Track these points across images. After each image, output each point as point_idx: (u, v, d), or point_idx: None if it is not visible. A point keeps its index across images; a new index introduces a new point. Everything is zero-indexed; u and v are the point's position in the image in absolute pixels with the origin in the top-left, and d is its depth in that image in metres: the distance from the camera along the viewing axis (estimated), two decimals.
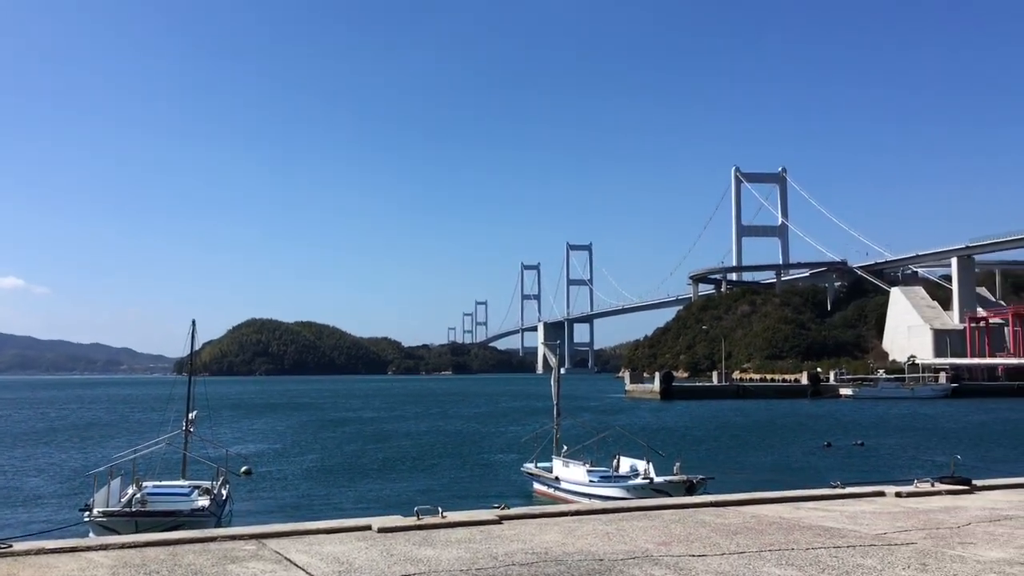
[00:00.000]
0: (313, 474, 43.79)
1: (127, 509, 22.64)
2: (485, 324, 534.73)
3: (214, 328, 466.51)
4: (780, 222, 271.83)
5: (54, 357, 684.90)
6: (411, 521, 11.60)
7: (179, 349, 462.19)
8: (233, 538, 10.88)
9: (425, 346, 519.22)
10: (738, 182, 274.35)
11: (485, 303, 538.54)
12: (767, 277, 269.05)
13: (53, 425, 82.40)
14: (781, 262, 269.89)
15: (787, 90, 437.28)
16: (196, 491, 25.37)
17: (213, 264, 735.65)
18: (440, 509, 12.10)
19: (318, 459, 50.82)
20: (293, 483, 40.34)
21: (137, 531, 17.38)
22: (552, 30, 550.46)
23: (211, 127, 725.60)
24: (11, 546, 9.35)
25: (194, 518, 21.79)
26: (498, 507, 12.74)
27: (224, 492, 25.41)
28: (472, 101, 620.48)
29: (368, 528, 11.43)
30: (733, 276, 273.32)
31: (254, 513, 28.07)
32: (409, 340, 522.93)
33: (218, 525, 20.72)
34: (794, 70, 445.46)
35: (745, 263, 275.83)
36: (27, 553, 9.40)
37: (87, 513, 22.20)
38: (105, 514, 21.98)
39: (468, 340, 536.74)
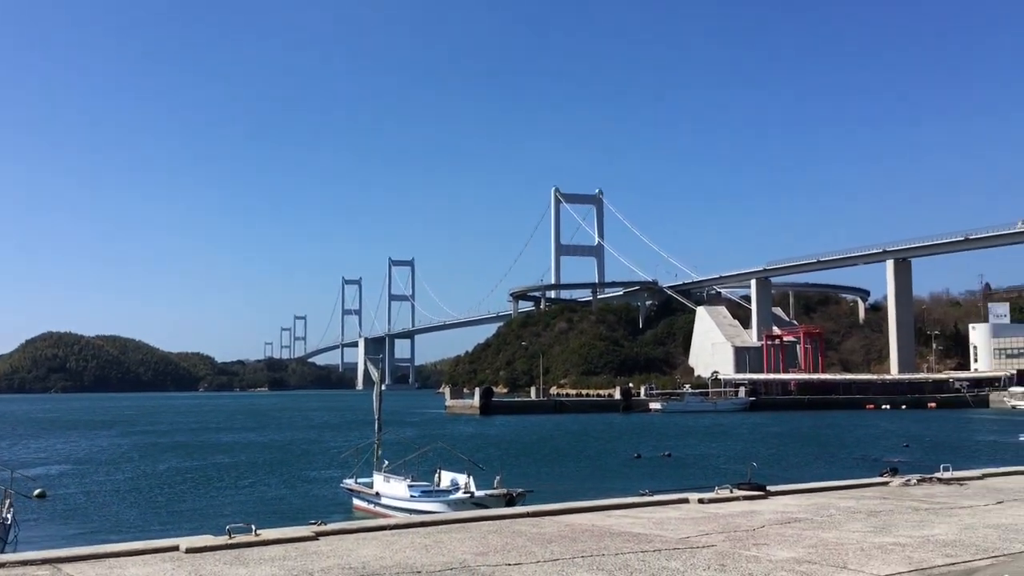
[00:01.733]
0: (118, 495, 41.27)
1: None
2: (304, 339, 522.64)
3: (4, 342, 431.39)
4: (597, 242, 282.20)
5: None
6: (222, 540, 11.18)
7: None
8: (24, 563, 10.12)
9: (240, 362, 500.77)
10: (557, 202, 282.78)
11: (304, 318, 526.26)
12: (584, 295, 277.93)
13: None
14: (597, 281, 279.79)
15: (605, 114, 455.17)
16: None
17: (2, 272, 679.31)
18: (254, 527, 11.72)
19: (122, 479, 47.94)
20: (95, 505, 37.88)
21: None
22: (370, 44, 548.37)
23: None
24: None
25: None
26: (315, 523, 12.49)
27: (9, 516, 23.39)
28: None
29: (176, 549, 10.94)
30: (552, 294, 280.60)
31: (50, 538, 26.12)
32: (223, 355, 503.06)
33: (2, 552, 19.09)
34: (612, 95, 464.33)
35: (563, 281, 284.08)
36: None
37: None
38: None
39: (286, 355, 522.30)
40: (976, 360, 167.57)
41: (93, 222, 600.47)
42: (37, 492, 37.36)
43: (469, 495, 29.20)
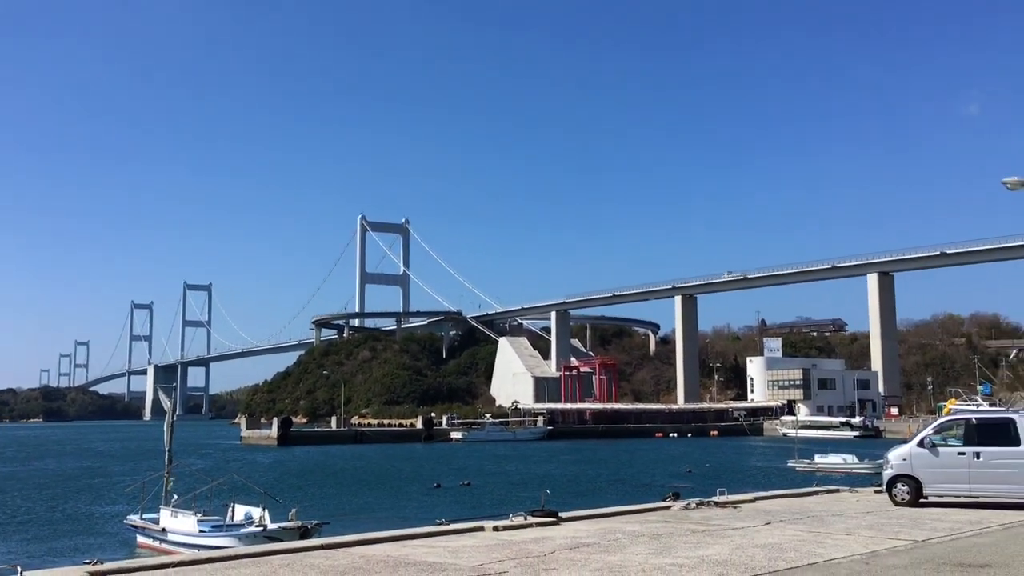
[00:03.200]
0: None
1: None
2: (86, 366, 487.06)
3: None
4: (402, 271, 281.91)
5: None
6: None
7: None
8: None
9: (11, 390, 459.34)
10: (364, 230, 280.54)
11: (87, 343, 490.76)
12: (388, 324, 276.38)
13: None
14: (402, 310, 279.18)
15: (413, 144, 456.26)
16: None
17: None
18: (20, 568, 10.88)
19: None
20: None
21: None
22: (164, 56, 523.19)
23: None
24: None
25: None
26: (90, 563, 11.75)
27: None
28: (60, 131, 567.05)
29: None
30: (356, 322, 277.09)
31: None
32: None
33: None
34: (418, 119, 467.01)
35: (368, 310, 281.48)
36: None
37: None
38: None
39: (65, 384, 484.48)
40: (752, 391, 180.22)
41: None
42: None
43: (261, 529, 28.32)
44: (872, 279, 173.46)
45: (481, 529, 16.42)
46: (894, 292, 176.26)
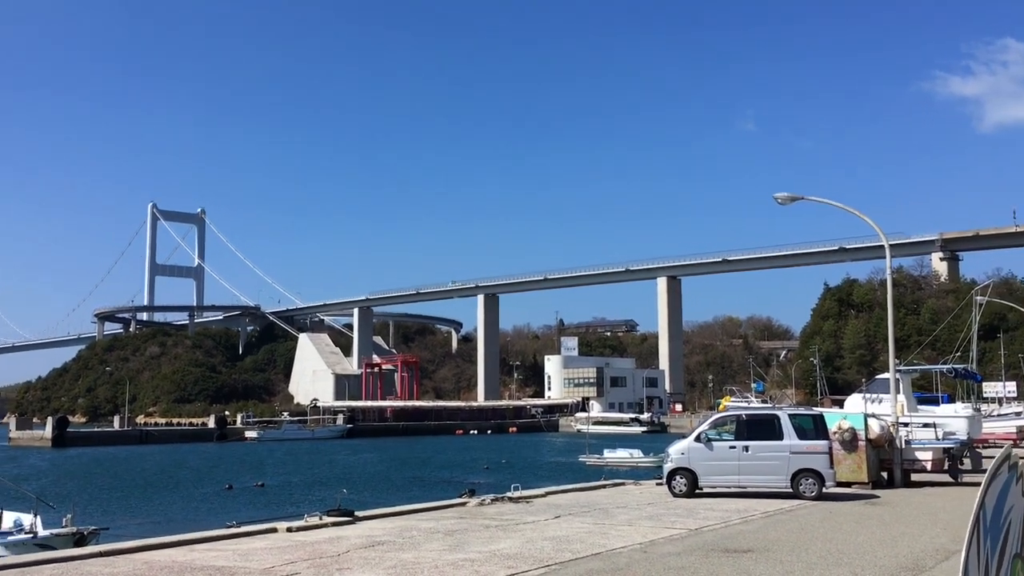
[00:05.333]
0: None
1: None
2: None
3: None
4: (196, 263, 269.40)
5: None
6: None
7: None
8: None
9: None
10: (155, 219, 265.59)
11: None
12: (180, 318, 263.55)
13: None
14: (195, 304, 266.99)
15: (206, 127, 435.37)
16: None
17: None
18: None
19: None
20: None
21: None
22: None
23: None
24: None
25: None
26: None
27: None
28: None
29: None
30: (144, 316, 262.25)
31: None
32: None
33: None
34: (216, 104, 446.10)
35: (159, 303, 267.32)
36: None
37: None
38: None
39: None
40: (550, 388, 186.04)
41: None
42: None
43: (32, 536, 26.42)
44: (662, 282, 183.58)
45: (274, 531, 16.15)
46: (681, 295, 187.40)
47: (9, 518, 28.79)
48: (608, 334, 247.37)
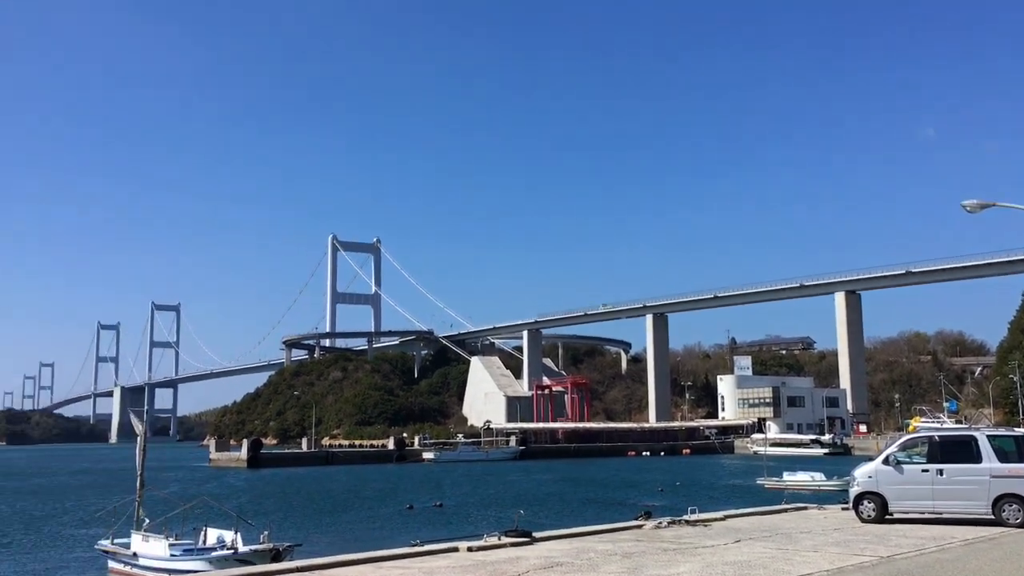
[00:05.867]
0: None
1: None
2: (51, 388, 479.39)
3: None
4: (373, 291, 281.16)
5: None
6: None
7: None
8: None
9: None
10: (335, 249, 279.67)
11: (52, 365, 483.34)
12: (359, 344, 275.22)
13: None
14: (373, 329, 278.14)
15: (382, 161, 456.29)
16: None
17: None
18: None
19: None
20: None
21: None
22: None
23: None
24: None
25: None
26: None
27: None
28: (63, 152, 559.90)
29: None
30: (327, 342, 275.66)
31: None
32: None
33: None
34: (391, 143, 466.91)
35: (340, 330, 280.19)
36: None
37: None
38: None
39: (29, 406, 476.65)
40: (723, 409, 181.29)
41: None
42: None
43: (233, 552, 28.22)
44: (839, 297, 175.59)
45: (455, 550, 16.59)
46: (861, 310, 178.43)
47: (213, 534, 30.91)
48: (783, 352, 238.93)
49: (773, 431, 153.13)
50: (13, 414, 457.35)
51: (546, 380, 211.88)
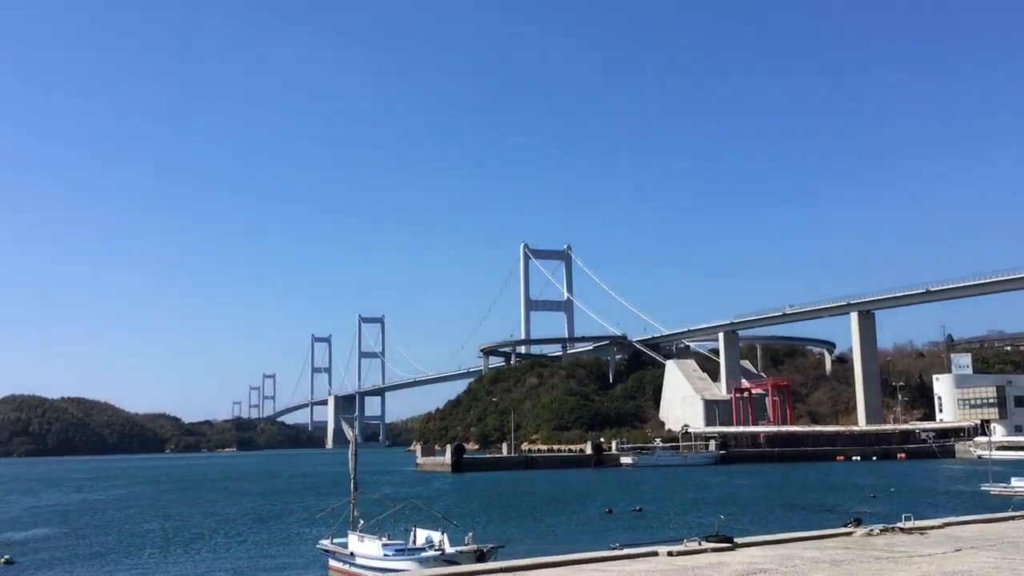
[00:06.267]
0: (86, 557, 40.80)
1: None
2: (273, 398, 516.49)
3: None
4: (566, 297, 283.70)
5: None
6: None
7: None
8: None
9: (207, 422, 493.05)
10: (527, 258, 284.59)
11: (273, 376, 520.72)
12: (554, 350, 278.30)
13: None
14: (567, 335, 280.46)
15: (575, 169, 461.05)
16: None
17: None
18: None
19: (90, 542, 47.31)
20: (63, 569, 37.40)
21: None
22: (335, 107, 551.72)
23: None
24: None
25: None
26: None
27: None
28: (259, 175, 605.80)
29: None
30: (522, 349, 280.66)
31: None
32: (190, 415, 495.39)
33: None
34: (579, 151, 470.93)
35: (533, 336, 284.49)
36: None
37: None
38: None
39: (255, 415, 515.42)
40: (941, 411, 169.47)
41: (55, 281, 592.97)
42: (4, 559, 36.87)
43: (440, 552, 29.37)
44: None
45: (655, 554, 16.53)
46: None
47: (422, 535, 32.36)
48: (1008, 348, 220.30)
49: (999, 433, 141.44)
50: (242, 422, 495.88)
51: (745, 383, 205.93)
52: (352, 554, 32.15)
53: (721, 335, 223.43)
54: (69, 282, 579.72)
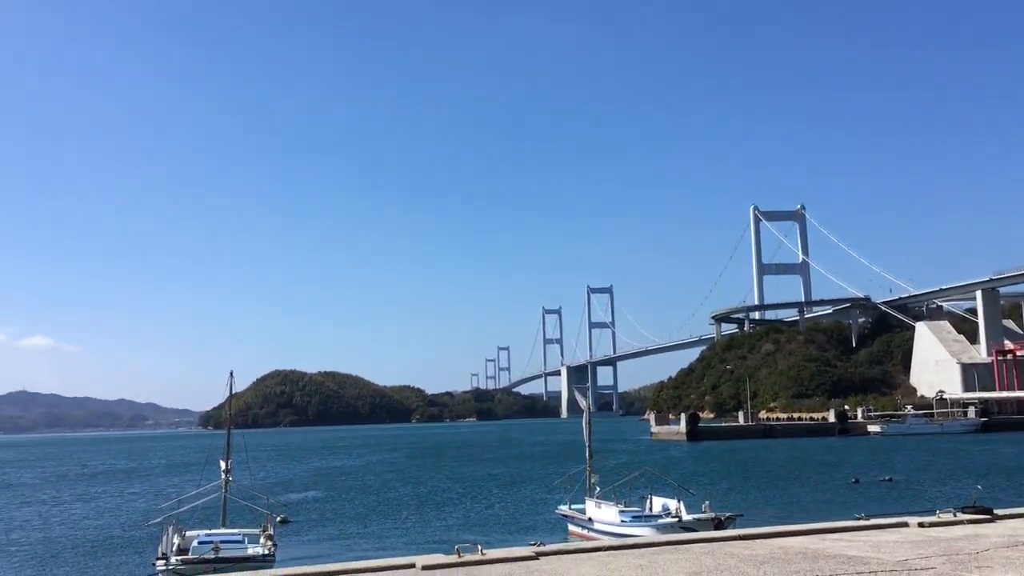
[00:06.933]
0: (351, 518, 44.63)
1: (206, 556, 23.59)
2: (508, 369, 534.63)
3: (238, 380, 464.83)
4: (800, 259, 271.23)
5: (81, 414, 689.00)
6: (452, 559, 12.18)
7: (203, 403, 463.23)
8: None
9: (448, 393, 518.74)
10: (757, 220, 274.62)
11: (508, 348, 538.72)
12: (790, 315, 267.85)
13: (91, 472, 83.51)
14: (803, 299, 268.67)
15: (803, 126, 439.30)
16: (247, 539, 26.41)
17: (236, 315, 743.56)
18: (479, 546, 12.71)
19: (354, 504, 51.59)
20: (332, 528, 41.10)
21: None
22: (559, 77, 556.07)
23: (223, 171, 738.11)
24: None
25: (263, 563, 22.79)
26: (534, 544, 13.34)
27: (274, 538, 26.56)
28: (483, 149, 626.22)
29: (412, 566, 12.02)
30: (755, 315, 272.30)
31: (298, 558, 28.84)
32: (432, 387, 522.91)
33: (272, 568, 21.53)
34: (809, 107, 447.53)
35: (767, 301, 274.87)
36: None
37: (162, 562, 23.44)
38: (184, 562, 23.19)
39: (491, 386, 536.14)
40: None
41: (308, 266, 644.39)
42: (280, 518, 40.89)
43: (677, 519, 29.44)
44: None
45: (905, 525, 15.78)
46: None
47: (658, 502, 32.56)
48: None
49: None
50: (480, 393, 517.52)
51: (1008, 344, 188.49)
52: (590, 520, 32.92)
53: (979, 293, 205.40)
54: (328, 267, 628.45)
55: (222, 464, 29.86)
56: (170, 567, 23.48)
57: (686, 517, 29.44)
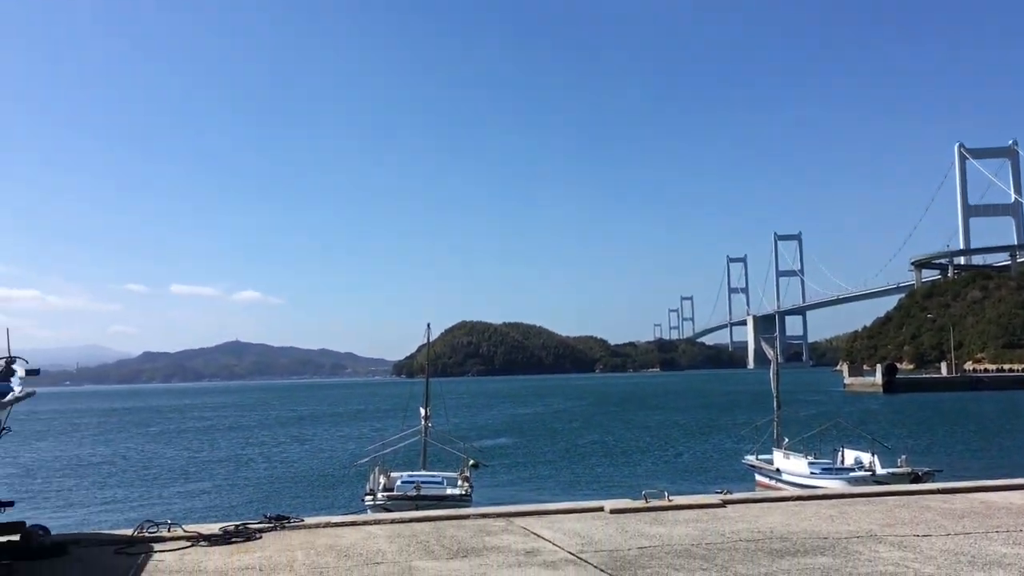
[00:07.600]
0: (540, 463, 46.27)
1: (409, 493, 25.59)
2: (692, 319, 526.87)
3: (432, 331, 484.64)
4: (1013, 199, 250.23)
5: (287, 363, 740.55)
6: (640, 504, 12.53)
7: (397, 352, 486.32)
8: (484, 516, 12.28)
9: (631, 343, 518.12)
10: (962, 159, 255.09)
11: (691, 298, 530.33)
12: (1000, 260, 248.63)
13: (299, 416, 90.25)
14: (1016, 242, 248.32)
15: (1013, 51, 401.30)
16: (446, 480, 28.21)
17: (430, 266, 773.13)
18: (666, 493, 12.98)
19: (543, 450, 53.36)
20: (523, 471, 42.79)
21: None
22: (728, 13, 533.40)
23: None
24: (303, 520, 11.19)
25: (461, 503, 24.39)
26: (721, 492, 13.46)
27: (471, 480, 28.28)
28: (658, 93, 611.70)
29: (600, 509, 12.48)
30: (960, 260, 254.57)
31: (493, 500, 30.38)
32: (615, 338, 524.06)
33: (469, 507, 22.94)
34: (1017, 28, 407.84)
35: (973, 246, 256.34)
36: (318, 526, 11.25)
37: (370, 498, 25.60)
38: (390, 498, 25.26)
39: (675, 336, 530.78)
40: None
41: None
42: (473, 462, 42.86)
43: (870, 473, 28.58)
44: None
45: None
46: None
47: (850, 455, 31.62)
48: None
49: None
50: (663, 344, 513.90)
51: None
52: (778, 470, 32.47)
53: None
54: (521, 220, 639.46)
55: (421, 411, 31.71)
56: (377, 503, 25.47)
57: (880, 471, 28.50)
